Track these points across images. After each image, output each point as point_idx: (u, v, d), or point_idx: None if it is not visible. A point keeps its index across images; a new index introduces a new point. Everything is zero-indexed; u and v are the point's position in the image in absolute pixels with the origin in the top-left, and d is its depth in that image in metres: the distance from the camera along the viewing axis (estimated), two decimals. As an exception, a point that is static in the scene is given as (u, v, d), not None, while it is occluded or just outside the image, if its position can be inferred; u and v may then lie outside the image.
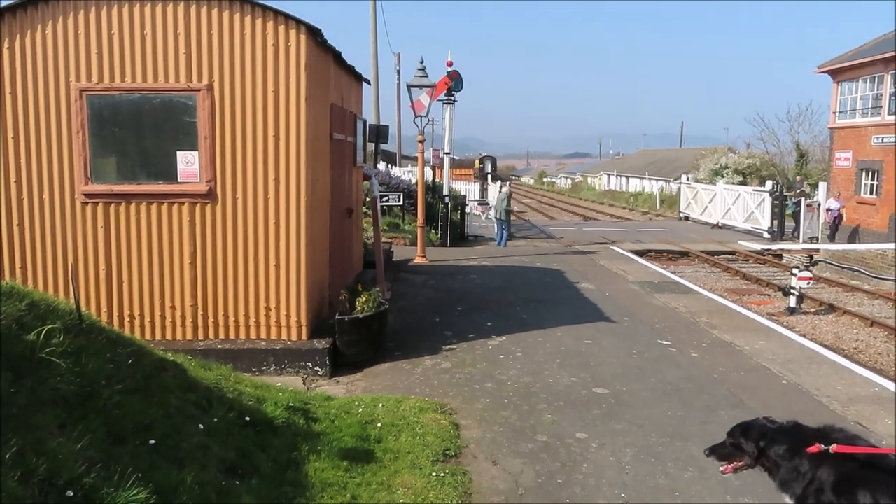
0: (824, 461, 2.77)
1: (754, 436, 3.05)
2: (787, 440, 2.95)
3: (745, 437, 3.08)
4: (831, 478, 2.72)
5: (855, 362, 7.59)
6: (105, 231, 6.21)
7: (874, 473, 2.66)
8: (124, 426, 3.17)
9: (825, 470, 2.75)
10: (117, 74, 6.05)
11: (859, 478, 2.67)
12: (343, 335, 6.39)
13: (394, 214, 18.58)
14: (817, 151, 34.72)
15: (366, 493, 3.84)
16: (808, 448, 2.81)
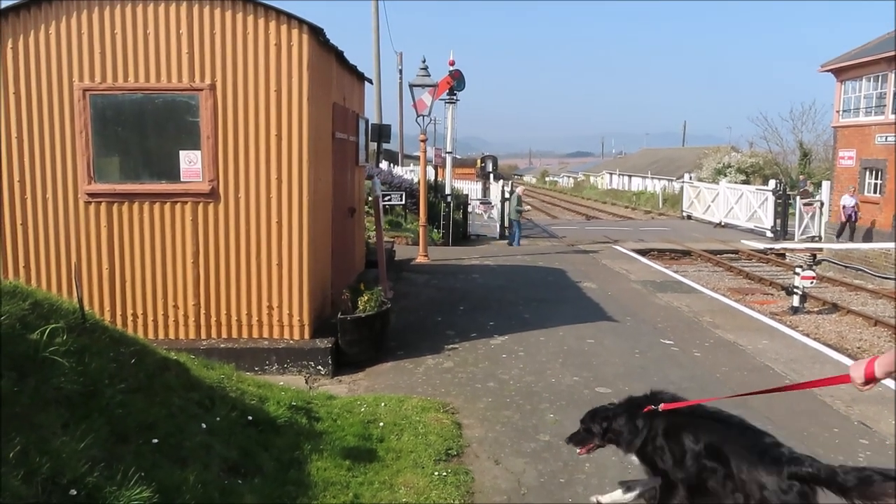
0: (656, 417, 3.35)
1: (599, 418, 3.57)
2: (625, 412, 3.50)
3: (593, 421, 3.59)
4: (661, 427, 3.31)
5: (858, 362, 7.59)
6: (108, 230, 6.22)
7: (695, 419, 3.28)
8: (127, 425, 3.17)
9: (657, 423, 3.34)
10: (120, 74, 6.06)
11: (683, 424, 3.26)
12: (345, 334, 6.39)
13: (396, 214, 18.59)
14: (820, 150, 34.65)
15: (368, 492, 3.84)
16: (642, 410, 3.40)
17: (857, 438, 4.99)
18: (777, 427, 5.12)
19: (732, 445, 3.09)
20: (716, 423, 3.25)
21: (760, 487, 2.90)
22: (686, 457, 3.19)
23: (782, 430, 5.05)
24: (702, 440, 3.17)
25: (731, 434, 3.17)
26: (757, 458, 2.97)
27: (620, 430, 3.49)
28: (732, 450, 3.06)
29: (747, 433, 3.21)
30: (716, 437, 3.15)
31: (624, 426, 3.47)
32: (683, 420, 3.29)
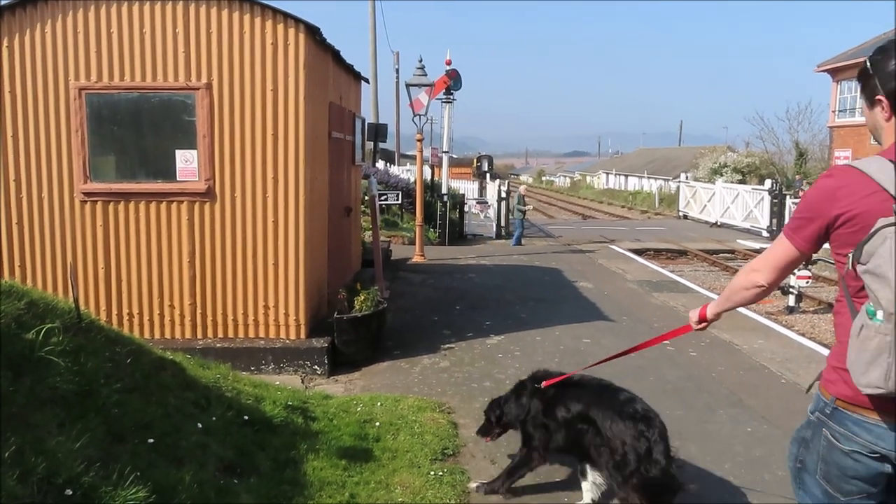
0: (536, 394, 3.90)
1: (495, 407, 4.14)
2: (514, 396, 4.05)
3: (491, 410, 4.15)
4: (539, 402, 3.87)
5: (853, 361, 7.62)
6: (104, 229, 6.21)
7: (567, 390, 3.82)
8: (123, 425, 3.17)
9: (535, 399, 3.89)
10: (116, 73, 6.05)
11: (557, 396, 3.82)
12: (341, 334, 6.39)
13: (392, 213, 18.59)
14: (816, 150, 34.75)
15: (364, 491, 3.84)
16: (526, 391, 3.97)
17: (852, 438, 5.00)
18: (774, 426, 5.14)
19: (598, 407, 3.63)
20: (583, 390, 3.81)
21: (622, 441, 3.45)
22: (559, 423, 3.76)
23: (778, 430, 5.07)
24: (573, 407, 3.72)
25: (596, 397, 3.72)
26: (618, 416, 3.53)
27: (510, 412, 4.05)
28: (597, 411, 3.62)
29: (608, 394, 3.75)
30: (584, 403, 3.70)
31: (512, 408, 4.02)
32: (557, 392, 3.83)
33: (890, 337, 1.90)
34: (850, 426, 2.09)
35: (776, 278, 2.26)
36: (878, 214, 1.96)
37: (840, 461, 2.12)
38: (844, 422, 2.10)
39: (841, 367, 2.10)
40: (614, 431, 3.49)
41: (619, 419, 3.51)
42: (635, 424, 3.46)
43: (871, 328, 1.94)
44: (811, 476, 2.23)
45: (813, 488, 2.23)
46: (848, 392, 2.08)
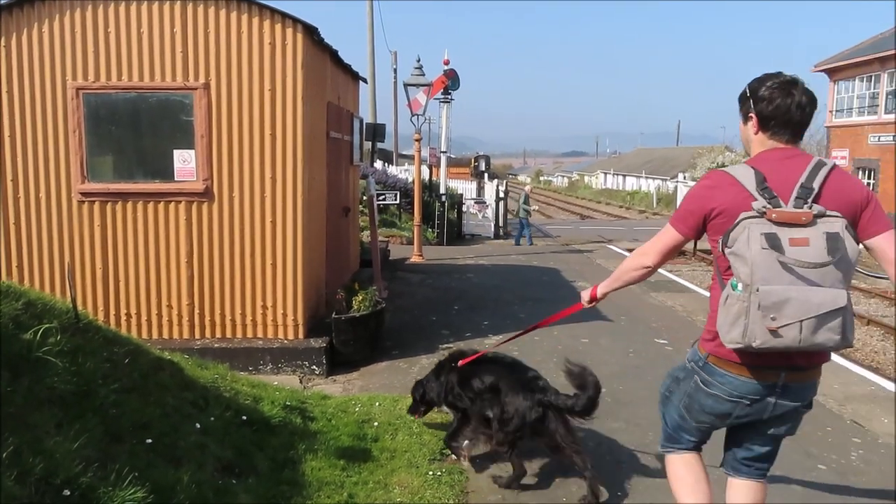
0: (453, 371, 4.37)
1: (419, 387, 4.62)
2: (434, 376, 4.53)
3: (416, 391, 4.64)
4: (456, 378, 4.33)
5: (851, 361, 7.61)
6: (102, 230, 6.20)
7: (481, 366, 4.26)
8: (121, 425, 3.16)
9: (453, 375, 4.35)
10: (114, 73, 6.04)
11: (472, 371, 4.26)
12: (340, 334, 6.38)
13: (391, 213, 18.59)
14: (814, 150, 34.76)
15: (362, 491, 3.84)
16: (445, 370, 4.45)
17: (850, 437, 5.02)
18: (770, 426, 5.14)
19: (504, 381, 4.11)
20: (495, 366, 4.26)
21: (519, 409, 3.96)
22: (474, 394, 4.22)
23: (776, 429, 5.07)
24: (485, 381, 4.18)
25: (505, 372, 4.19)
26: (520, 388, 4.03)
27: (432, 390, 4.51)
28: (504, 384, 4.09)
29: (516, 370, 4.25)
30: (494, 377, 4.16)
31: (434, 387, 4.49)
32: (472, 369, 4.27)
33: (747, 303, 2.44)
34: (716, 377, 2.71)
35: (661, 261, 2.89)
36: (741, 209, 2.51)
37: (702, 400, 2.80)
38: (712, 373, 2.73)
39: (713, 331, 2.64)
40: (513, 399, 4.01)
41: (521, 390, 4.03)
42: (533, 395, 3.99)
43: (733, 297, 2.50)
44: (674, 404, 2.97)
45: (673, 412, 2.99)
46: (716, 351, 2.68)
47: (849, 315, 2.44)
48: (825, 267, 2.39)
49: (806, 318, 2.39)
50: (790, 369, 2.59)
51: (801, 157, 2.62)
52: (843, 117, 23.44)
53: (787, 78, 2.63)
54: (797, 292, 2.39)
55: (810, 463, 4.55)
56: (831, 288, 2.41)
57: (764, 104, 2.61)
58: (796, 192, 2.50)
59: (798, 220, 2.43)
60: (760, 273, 2.41)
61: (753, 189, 2.51)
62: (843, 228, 2.45)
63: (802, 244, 2.41)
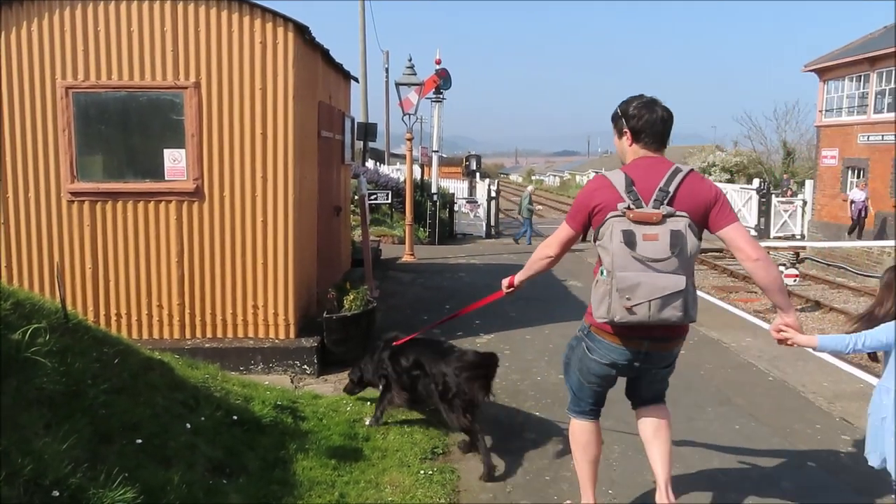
0: (384, 351, 4.90)
1: (357, 370, 5.12)
2: (370, 357, 5.04)
3: (353, 373, 5.16)
4: (388, 356, 4.84)
5: (840, 359, 7.66)
6: (91, 229, 6.17)
7: (411, 346, 4.78)
8: (111, 425, 3.15)
9: (386, 353, 4.87)
10: (104, 72, 6.01)
11: (402, 350, 4.78)
12: (331, 333, 6.37)
13: (382, 213, 18.57)
14: (804, 149, 34.99)
15: (354, 491, 3.84)
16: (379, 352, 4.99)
17: (839, 434, 5.05)
18: (762, 424, 5.18)
19: (425, 355, 4.63)
20: (418, 345, 4.78)
21: (443, 375, 4.44)
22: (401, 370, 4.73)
23: (766, 427, 5.11)
24: (410, 358, 4.69)
25: (426, 348, 4.72)
26: (439, 358, 4.52)
27: (367, 370, 5.00)
28: (426, 358, 4.61)
29: (434, 345, 4.78)
30: (417, 353, 4.69)
31: (369, 367, 4.99)
32: (402, 348, 4.78)
33: (609, 286, 3.02)
34: (596, 343, 3.29)
35: (561, 252, 3.37)
36: (612, 208, 3.03)
37: (588, 364, 3.38)
38: (594, 340, 3.30)
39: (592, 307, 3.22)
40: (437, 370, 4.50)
41: (441, 361, 4.51)
42: (453, 362, 4.45)
43: (601, 281, 3.08)
44: (573, 369, 3.52)
45: (573, 377, 3.54)
46: (595, 323, 3.22)
47: (689, 296, 3.03)
48: (667, 260, 2.96)
49: (653, 298, 2.97)
50: (652, 340, 3.19)
51: (664, 164, 3.14)
52: (832, 117, 23.57)
53: (648, 98, 3.23)
54: (646, 277, 2.97)
55: (799, 460, 4.58)
56: (673, 274, 2.98)
57: (634, 120, 3.17)
58: (655, 194, 3.03)
59: (650, 219, 2.98)
60: (618, 262, 2.99)
61: (623, 191, 3.05)
62: (686, 227, 3.00)
63: (653, 239, 2.97)
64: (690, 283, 3.03)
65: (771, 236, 22.43)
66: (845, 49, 23.41)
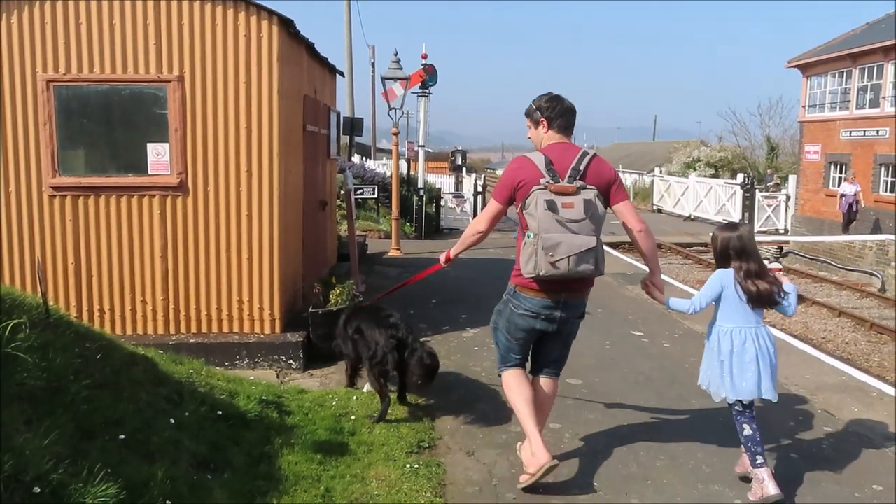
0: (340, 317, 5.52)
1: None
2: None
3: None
4: (343, 321, 5.37)
5: (823, 351, 7.76)
6: (73, 224, 6.11)
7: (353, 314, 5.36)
8: (93, 421, 3.13)
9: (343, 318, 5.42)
10: (85, 65, 5.94)
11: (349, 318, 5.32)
12: (316, 328, 6.35)
13: (368, 207, 18.52)
14: (787, 145, 35.24)
15: (339, 485, 3.84)
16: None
17: (821, 426, 5.11)
18: (743, 416, 5.22)
19: (367, 323, 5.06)
20: (363, 313, 5.26)
21: (377, 343, 4.87)
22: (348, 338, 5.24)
23: (748, 419, 5.15)
24: (353, 326, 5.17)
25: (369, 317, 5.14)
26: (377, 327, 4.95)
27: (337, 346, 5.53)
28: (366, 326, 5.05)
29: (378, 314, 5.14)
30: (360, 321, 5.13)
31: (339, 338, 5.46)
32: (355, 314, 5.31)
33: (535, 246, 3.64)
34: (522, 300, 3.90)
35: (489, 226, 4.00)
36: (534, 183, 3.70)
37: (516, 320, 3.95)
38: (519, 297, 3.91)
39: (518, 269, 3.84)
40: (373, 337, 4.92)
41: (377, 328, 4.94)
42: (387, 330, 4.88)
43: (528, 242, 3.71)
44: (501, 330, 4.06)
45: (501, 337, 4.07)
46: (520, 282, 3.89)
47: (599, 252, 3.70)
48: (582, 221, 3.64)
49: (572, 254, 3.61)
50: (568, 291, 3.85)
51: (574, 148, 3.88)
52: (815, 112, 23.76)
53: (556, 95, 3.97)
54: (566, 238, 3.61)
55: (782, 451, 4.63)
56: (587, 235, 3.65)
57: (549, 111, 3.90)
58: (569, 172, 3.72)
59: (567, 191, 3.67)
60: (543, 225, 3.62)
61: (543, 169, 3.71)
62: (595, 197, 3.69)
63: (570, 207, 3.63)
64: (600, 242, 3.71)
65: (755, 231, 22.60)
66: (828, 45, 23.60)
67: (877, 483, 4.23)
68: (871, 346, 10.71)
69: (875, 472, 4.38)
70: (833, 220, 21.74)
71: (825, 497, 4.04)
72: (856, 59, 21.18)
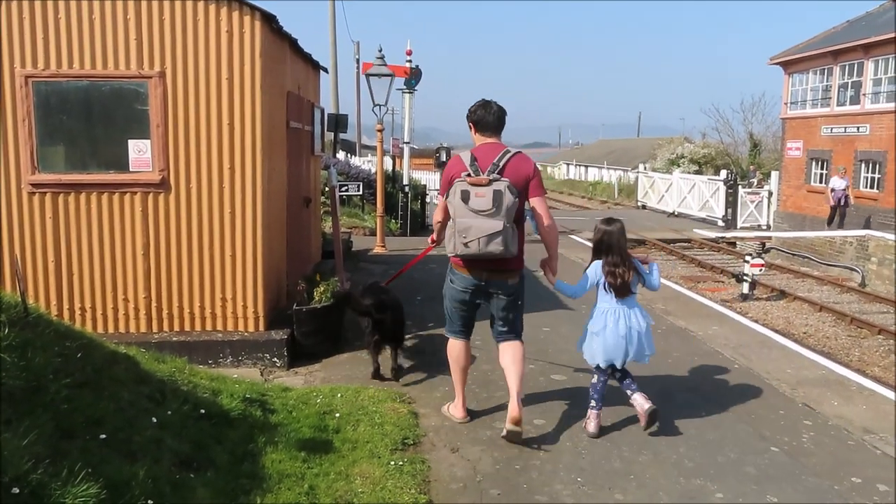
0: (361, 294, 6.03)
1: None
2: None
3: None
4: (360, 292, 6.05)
5: (804, 346, 7.85)
6: (54, 222, 6.04)
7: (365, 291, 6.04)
8: (73, 421, 3.09)
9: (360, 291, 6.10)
10: (65, 61, 5.87)
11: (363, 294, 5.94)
12: (301, 326, 6.33)
13: (353, 204, 18.46)
14: (770, 141, 35.53)
15: (324, 483, 3.83)
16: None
17: (802, 420, 5.17)
18: (728, 410, 5.28)
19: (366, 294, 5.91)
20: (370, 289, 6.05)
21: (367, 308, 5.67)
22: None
23: (732, 413, 5.21)
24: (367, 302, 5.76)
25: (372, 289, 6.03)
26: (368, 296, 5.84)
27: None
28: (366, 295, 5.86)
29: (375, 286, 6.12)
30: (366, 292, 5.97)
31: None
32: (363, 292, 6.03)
33: (453, 230, 4.30)
34: (454, 275, 4.63)
35: (444, 217, 4.53)
36: (458, 176, 4.35)
37: (452, 291, 4.69)
38: (453, 273, 4.65)
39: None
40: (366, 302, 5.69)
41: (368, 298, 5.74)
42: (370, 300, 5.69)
43: (450, 225, 4.34)
44: (446, 298, 4.77)
45: (447, 303, 4.78)
46: (454, 261, 4.58)
47: (508, 234, 4.23)
48: (491, 209, 4.20)
49: (480, 236, 4.21)
50: (489, 270, 4.48)
51: (500, 147, 4.47)
52: (797, 109, 23.97)
53: (486, 101, 4.61)
54: (476, 222, 4.22)
55: (763, 445, 4.67)
56: (495, 220, 4.20)
57: (475, 117, 4.57)
58: (490, 167, 4.33)
59: (481, 182, 4.25)
60: (458, 212, 4.28)
61: (468, 164, 4.37)
62: (505, 188, 4.21)
63: (481, 196, 4.22)
64: (509, 226, 4.25)
65: (738, 226, 22.80)
66: (809, 43, 23.81)
67: (855, 476, 4.28)
68: (851, 341, 10.83)
69: (854, 464, 4.44)
70: (815, 216, 21.96)
71: (805, 490, 4.09)
72: (836, 56, 21.38)
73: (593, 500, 3.92)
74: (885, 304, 13.18)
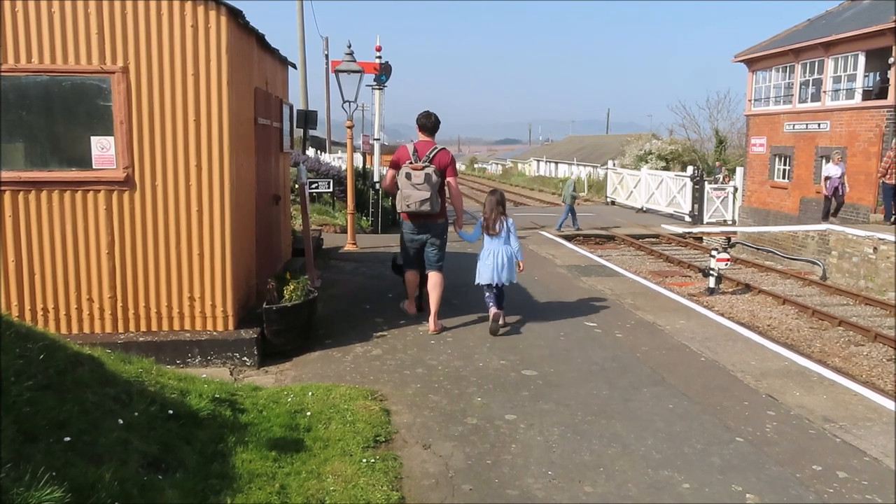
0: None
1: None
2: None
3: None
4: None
5: (767, 338, 7.99)
6: (13, 220, 5.89)
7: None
8: (36, 424, 3.03)
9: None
10: (23, 55, 5.72)
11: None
12: (271, 324, 6.28)
13: (323, 201, 18.34)
14: (735, 138, 36.18)
15: (295, 481, 3.81)
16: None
17: (765, 410, 5.28)
18: (694, 402, 5.37)
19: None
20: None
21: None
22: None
23: (698, 405, 5.30)
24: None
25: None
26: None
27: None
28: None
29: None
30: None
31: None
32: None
33: (400, 196, 6.87)
34: (405, 225, 7.16)
35: (389, 184, 7.28)
36: (404, 161, 6.92)
37: (404, 238, 7.22)
38: (403, 224, 7.18)
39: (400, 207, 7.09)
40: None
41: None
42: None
43: (399, 194, 6.90)
44: (403, 245, 7.29)
45: (402, 245, 7.30)
46: (403, 215, 7.11)
47: (433, 199, 6.75)
48: (423, 184, 6.71)
49: (416, 201, 6.74)
50: (422, 219, 6.98)
51: (431, 144, 6.99)
52: (760, 106, 24.41)
53: (428, 112, 7.05)
54: (413, 192, 6.74)
55: (728, 436, 4.77)
56: (424, 191, 6.71)
57: (420, 122, 7.10)
58: (424, 158, 6.83)
59: (417, 167, 6.73)
60: (403, 185, 6.76)
61: (411, 154, 6.87)
62: (433, 172, 6.75)
63: (418, 176, 6.70)
64: (434, 194, 6.75)
65: (704, 222, 23.14)
66: (772, 41, 24.26)
67: (816, 464, 4.39)
68: (812, 332, 11.08)
69: (814, 453, 4.56)
70: (778, 210, 22.41)
71: (768, 479, 4.19)
72: (798, 54, 21.82)
73: (564, 493, 3.96)
74: (845, 296, 13.51)
